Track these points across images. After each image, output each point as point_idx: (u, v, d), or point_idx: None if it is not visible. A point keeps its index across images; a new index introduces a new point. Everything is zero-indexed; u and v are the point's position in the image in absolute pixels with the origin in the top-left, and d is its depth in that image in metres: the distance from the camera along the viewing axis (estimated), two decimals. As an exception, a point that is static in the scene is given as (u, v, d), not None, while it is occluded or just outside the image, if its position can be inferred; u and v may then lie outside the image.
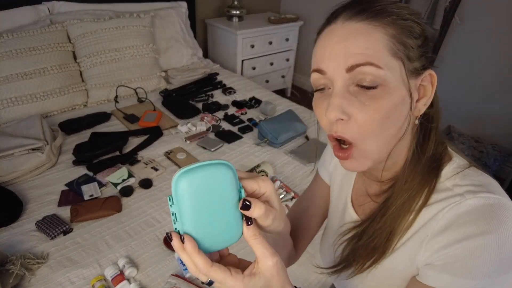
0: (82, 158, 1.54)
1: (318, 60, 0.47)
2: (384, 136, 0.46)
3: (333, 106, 0.45)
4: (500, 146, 2.38)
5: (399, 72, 0.45)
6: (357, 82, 0.45)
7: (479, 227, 0.43)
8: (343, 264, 0.59)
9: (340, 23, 0.46)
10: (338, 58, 0.45)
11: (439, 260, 0.46)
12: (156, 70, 2.23)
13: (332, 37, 0.46)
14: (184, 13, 2.57)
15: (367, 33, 0.44)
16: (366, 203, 0.61)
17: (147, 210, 1.33)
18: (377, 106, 0.44)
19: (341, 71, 0.45)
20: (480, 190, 0.46)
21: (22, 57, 1.75)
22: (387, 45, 0.44)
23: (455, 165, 0.50)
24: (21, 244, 1.15)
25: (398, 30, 0.44)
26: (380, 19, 0.44)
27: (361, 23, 0.44)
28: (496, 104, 2.41)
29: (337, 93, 0.45)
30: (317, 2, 3.17)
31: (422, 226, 0.49)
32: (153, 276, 1.09)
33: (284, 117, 1.87)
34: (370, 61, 0.43)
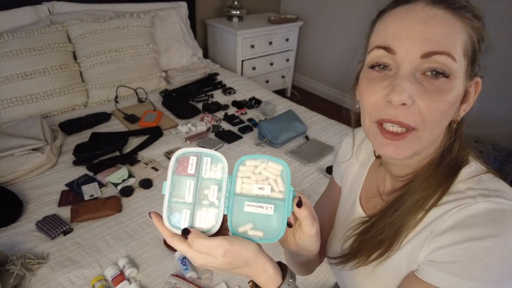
0: (82, 158, 1.54)
1: (389, 37, 0.44)
2: (438, 129, 0.46)
3: (401, 89, 0.42)
4: (500, 146, 2.39)
5: (464, 71, 0.44)
6: (425, 69, 0.43)
7: (486, 230, 0.42)
8: (349, 256, 0.59)
9: (422, 5, 0.43)
10: (415, 41, 0.42)
11: (440, 258, 0.45)
12: (156, 70, 2.23)
13: (411, 17, 0.43)
14: (184, 13, 2.57)
15: (450, 23, 0.42)
16: (375, 202, 0.61)
17: (147, 210, 1.33)
18: (441, 98, 0.43)
19: (415, 55, 0.42)
20: (493, 194, 0.45)
21: (22, 57, 1.75)
22: (463, 41, 0.43)
23: (471, 169, 0.50)
24: (21, 244, 1.15)
25: (474, 30, 0.44)
26: (463, 14, 0.43)
27: (444, 11, 0.43)
28: (496, 104, 2.41)
29: (405, 76, 0.43)
30: (317, 2, 3.17)
31: (428, 225, 0.49)
32: (153, 276, 1.09)
33: (284, 117, 1.87)
34: (448, 51, 0.42)
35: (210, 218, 0.44)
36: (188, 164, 0.44)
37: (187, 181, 0.44)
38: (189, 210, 0.44)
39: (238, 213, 0.44)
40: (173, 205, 0.44)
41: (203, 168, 0.44)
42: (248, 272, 0.43)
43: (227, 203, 0.44)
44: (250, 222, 0.44)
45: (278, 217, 0.43)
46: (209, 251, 0.40)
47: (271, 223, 0.44)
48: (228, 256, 0.40)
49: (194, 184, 0.44)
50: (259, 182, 0.44)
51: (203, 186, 0.44)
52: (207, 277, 1.08)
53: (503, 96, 2.36)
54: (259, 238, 0.43)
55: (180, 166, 0.44)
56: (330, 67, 3.32)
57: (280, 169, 0.44)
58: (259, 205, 0.44)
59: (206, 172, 0.44)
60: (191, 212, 0.44)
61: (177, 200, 0.44)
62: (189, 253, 0.42)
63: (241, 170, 0.44)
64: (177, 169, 0.44)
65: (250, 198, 0.44)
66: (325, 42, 3.26)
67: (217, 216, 0.44)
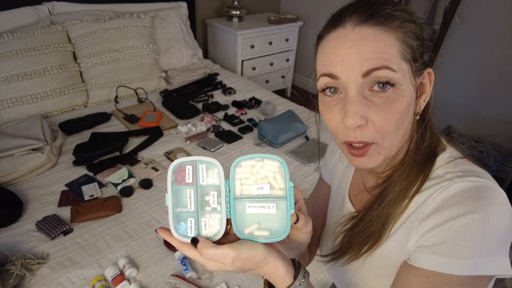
0: (82, 159, 1.54)
1: (329, 64, 0.47)
2: (398, 134, 0.48)
3: (352, 114, 0.45)
4: (500, 146, 2.39)
5: (408, 74, 0.46)
6: (371, 85, 0.45)
7: (465, 207, 0.44)
8: (340, 252, 0.61)
9: (350, 28, 0.46)
10: (352, 64, 0.45)
11: (427, 242, 0.47)
12: (156, 71, 2.23)
13: (344, 42, 0.46)
14: (184, 13, 2.57)
15: (380, 39, 0.44)
16: (362, 196, 0.63)
17: (147, 210, 1.33)
18: (392, 108, 0.45)
19: (356, 76, 0.45)
20: (468, 174, 0.48)
21: (22, 57, 1.75)
22: (399, 49, 0.45)
23: (448, 155, 0.53)
24: (22, 245, 1.15)
25: (405, 34, 0.46)
26: (389, 24, 0.45)
27: (373, 29, 0.45)
28: (496, 104, 2.41)
29: (353, 99, 0.46)
30: (317, 2, 3.17)
31: (414, 212, 0.51)
32: (153, 276, 1.09)
33: (284, 117, 1.87)
34: (386, 64, 0.44)
35: (215, 224, 0.44)
36: (185, 173, 0.45)
37: (187, 190, 0.45)
38: (193, 218, 0.44)
39: (241, 216, 0.44)
40: (177, 215, 0.45)
41: (200, 176, 0.44)
42: (260, 272, 0.44)
43: (228, 207, 0.44)
44: (255, 222, 0.44)
45: (282, 215, 0.44)
46: (218, 260, 0.41)
47: (276, 222, 0.44)
48: (237, 263, 0.41)
49: (194, 193, 0.44)
50: (258, 181, 0.44)
51: (204, 193, 0.45)
52: (207, 277, 1.08)
53: (503, 96, 2.36)
54: (265, 238, 0.43)
55: (178, 176, 0.45)
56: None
57: (277, 165, 0.44)
58: (260, 205, 0.44)
59: (203, 179, 0.44)
60: (195, 220, 0.44)
61: (181, 210, 0.45)
62: (201, 261, 0.43)
63: (238, 172, 0.44)
64: (176, 179, 0.45)
65: (251, 199, 0.44)
66: (325, 42, 3.25)
67: (220, 221, 0.44)
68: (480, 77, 2.43)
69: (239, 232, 0.44)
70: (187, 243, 0.43)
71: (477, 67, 2.42)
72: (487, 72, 2.38)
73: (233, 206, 0.44)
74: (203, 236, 0.44)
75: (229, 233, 0.46)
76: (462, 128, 2.57)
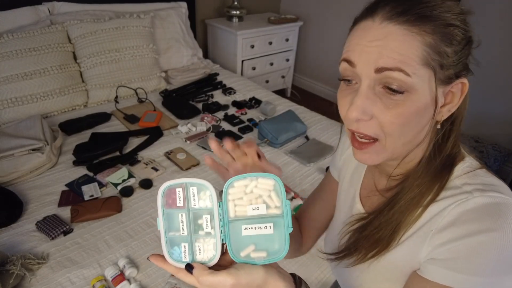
0: (82, 159, 1.54)
1: (350, 51, 0.47)
2: (402, 139, 0.47)
3: (356, 106, 0.45)
4: (500, 146, 2.39)
5: (427, 81, 0.44)
6: (383, 84, 0.44)
7: (484, 224, 0.43)
8: (345, 252, 0.60)
9: (378, 22, 0.44)
10: (369, 56, 0.44)
11: (441, 255, 0.46)
12: (156, 71, 2.23)
13: (367, 34, 0.45)
14: (184, 13, 2.57)
15: (403, 40, 0.43)
16: (374, 198, 0.61)
17: (147, 210, 1.33)
18: (399, 111, 0.44)
19: (370, 70, 0.44)
20: (489, 189, 0.46)
21: (22, 57, 1.75)
22: (421, 54, 0.43)
23: (466, 164, 0.51)
24: (22, 245, 1.15)
25: (436, 39, 0.43)
26: (421, 25, 0.43)
27: (400, 27, 0.43)
28: (496, 104, 2.41)
29: (362, 92, 0.45)
30: (317, 2, 3.17)
31: (428, 221, 0.49)
32: (153, 276, 1.09)
33: (284, 117, 1.87)
34: (400, 67, 0.43)
35: (210, 248, 0.42)
36: (175, 196, 0.43)
37: (179, 214, 0.43)
38: (186, 243, 0.42)
39: (237, 239, 0.42)
40: (170, 239, 0.43)
41: (191, 199, 0.42)
42: None
43: (222, 231, 0.42)
44: (251, 244, 0.42)
45: (280, 234, 0.42)
46: (216, 287, 0.40)
47: (274, 241, 0.42)
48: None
49: (186, 216, 0.42)
50: (252, 201, 0.42)
51: (197, 217, 0.42)
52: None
53: (503, 96, 2.36)
54: (263, 259, 0.42)
55: (169, 199, 0.43)
56: (330, 67, 3.32)
57: (272, 183, 0.42)
58: (257, 226, 0.42)
59: (195, 202, 0.42)
60: (189, 245, 0.42)
61: (174, 234, 0.43)
62: (198, 286, 0.42)
63: (231, 193, 0.42)
64: (167, 203, 0.43)
65: (247, 220, 0.42)
66: (325, 42, 3.26)
67: (215, 245, 0.42)
68: (480, 77, 2.43)
69: (235, 256, 0.42)
70: (183, 270, 0.42)
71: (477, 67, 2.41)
72: (487, 72, 2.38)
73: (227, 230, 0.42)
74: (198, 261, 0.42)
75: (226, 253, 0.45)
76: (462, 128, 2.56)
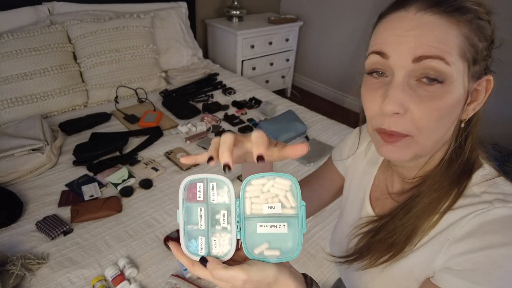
0: (82, 159, 1.54)
1: (382, 42, 0.45)
2: (435, 134, 0.46)
3: (393, 99, 0.43)
4: (500, 146, 2.38)
5: (462, 74, 0.43)
6: (419, 76, 0.43)
7: (506, 237, 0.42)
8: (356, 256, 0.59)
9: (413, 12, 0.43)
10: (407, 45, 0.42)
11: (459, 265, 0.45)
12: (156, 71, 2.23)
13: (403, 24, 0.43)
14: (184, 13, 2.57)
15: (442, 29, 0.42)
16: (385, 201, 0.60)
17: (147, 210, 1.33)
18: (436, 104, 0.43)
19: (407, 60, 0.42)
20: (510, 199, 0.45)
21: (22, 57, 1.75)
22: (459, 44, 0.42)
23: (485, 172, 0.49)
24: (22, 245, 1.15)
25: (472, 31, 0.43)
26: (457, 16, 0.42)
27: (436, 17, 0.42)
28: (496, 104, 2.40)
29: (397, 84, 0.43)
30: (317, 2, 3.17)
31: (444, 230, 0.48)
32: (154, 276, 1.09)
33: (284, 117, 1.87)
34: (441, 55, 0.41)
35: (225, 243, 0.43)
36: (196, 191, 0.44)
37: (198, 208, 0.44)
38: (203, 236, 0.44)
39: (251, 236, 0.43)
40: (188, 232, 0.44)
41: (211, 194, 0.44)
42: None
43: (238, 227, 0.43)
44: (265, 242, 0.43)
45: (293, 234, 0.43)
46: (228, 281, 0.40)
47: (287, 241, 0.43)
48: (248, 285, 0.40)
49: (205, 211, 0.44)
50: (268, 200, 0.43)
51: (214, 211, 0.44)
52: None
53: (503, 96, 2.36)
54: (276, 257, 0.42)
55: (190, 193, 0.44)
56: (330, 67, 3.32)
57: (289, 184, 0.43)
58: (272, 224, 0.43)
59: (214, 197, 0.44)
60: (206, 239, 0.44)
61: (191, 227, 0.44)
62: (212, 280, 0.42)
63: (248, 191, 0.43)
64: (187, 196, 0.44)
65: (262, 218, 0.43)
66: (325, 42, 3.26)
67: (230, 241, 0.43)
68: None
69: (249, 253, 0.43)
70: (198, 263, 0.43)
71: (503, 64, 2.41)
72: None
73: (243, 226, 0.43)
74: (213, 255, 0.43)
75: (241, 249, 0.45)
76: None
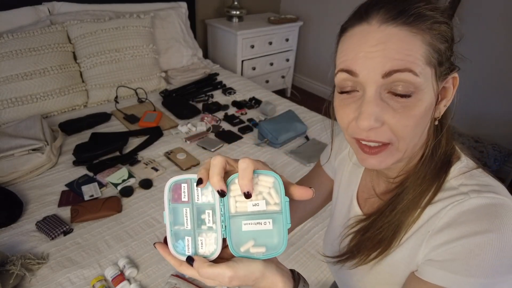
0: (82, 159, 1.54)
1: (350, 60, 0.45)
2: (414, 140, 0.47)
3: (367, 115, 0.43)
4: (500, 146, 2.39)
5: (430, 79, 0.44)
6: (390, 89, 0.43)
7: (481, 226, 0.43)
8: (348, 255, 0.60)
9: (376, 25, 0.43)
10: (374, 62, 0.43)
11: (438, 256, 0.46)
12: (156, 71, 2.23)
13: (367, 39, 0.43)
14: (184, 13, 2.57)
15: (407, 40, 0.42)
16: (372, 200, 0.62)
17: (147, 210, 1.33)
18: (410, 113, 0.44)
19: (376, 76, 0.43)
20: (485, 190, 0.46)
21: (22, 57, 1.75)
22: (424, 53, 0.43)
23: (463, 164, 0.51)
24: (22, 245, 1.15)
25: (433, 37, 0.43)
26: (418, 25, 0.43)
27: (400, 28, 0.42)
28: (496, 104, 2.41)
29: (370, 100, 0.44)
30: (317, 2, 3.17)
31: (425, 223, 0.49)
32: (153, 276, 1.09)
33: (284, 117, 1.87)
34: (410, 67, 0.42)
35: (211, 243, 0.44)
36: (181, 191, 0.45)
37: (183, 208, 0.44)
38: (190, 236, 0.44)
39: (237, 234, 0.43)
40: (175, 233, 0.45)
41: (195, 194, 0.44)
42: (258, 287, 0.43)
43: (223, 226, 0.44)
44: (251, 239, 0.43)
45: (278, 230, 0.43)
46: (215, 278, 0.41)
47: (272, 237, 0.43)
48: (234, 281, 0.40)
49: (190, 211, 0.44)
50: (252, 198, 0.43)
51: (200, 211, 0.44)
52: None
53: (503, 96, 2.36)
54: (262, 254, 0.43)
55: (175, 194, 0.44)
56: (330, 67, 3.30)
57: (272, 181, 0.43)
58: (257, 221, 0.43)
59: (198, 197, 0.44)
60: (192, 239, 0.44)
61: (178, 228, 0.45)
62: (200, 279, 0.43)
63: (232, 189, 0.44)
64: (173, 197, 0.45)
65: (247, 216, 0.43)
66: (325, 42, 3.26)
67: (216, 240, 0.44)
68: (480, 77, 2.43)
69: (235, 251, 0.43)
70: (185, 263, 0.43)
71: (477, 67, 2.42)
72: (487, 72, 2.38)
73: (228, 225, 0.43)
74: (200, 255, 0.44)
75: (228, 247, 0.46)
76: (462, 128, 2.57)
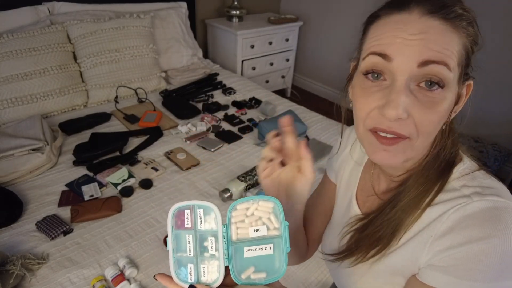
0: (82, 159, 1.54)
1: (385, 44, 0.43)
2: (430, 138, 0.47)
3: (396, 104, 0.42)
4: (500, 146, 2.39)
5: (456, 79, 0.45)
6: (420, 80, 0.43)
7: (484, 231, 0.43)
8: (347, 252, 0.60)
9: (417, 16, 0.43)
10: (412, 49, 0.41)
11: (442, 261, 0.46)
12: (156, 71, 2.23)
13: (407, 28, 0.42)
14: (184, 13, 2.57)
15: (447, 34, 0.42)
16: (371, 200, 0.61)
17: (147, 210, 1.33)
18: (436, 109, 0.43)
19: (411, 64, 0.42)
20: (488, 192, 0.45)
21: (22, 57, 1.75)
22: (458, 52, 0.43)
23: (465, 166, 0.51)
24: (22, 245, 1.15)
25: (468, 38, 0.44)
26: (457, 23, 0.43)
27: (440, 22, 0.42)
28: (496, 104, 2.41)
29: (400, 89, 0.42)
30: (317, 2, 3.17)
31: (426, 226, 0.49)
32: (153, 276, 1.09)
33: (284, 117, 1.87)
34: (446, 61, 0.42)
35: (214, 270, 0.44)
36: (184, 218, 0.45)
37: (186, 235, 0.45)
38: (192, 264, 0.44)
39: (239, 261, 0.44)
40: (178, 259, 0.45)
41: (198, 221, 0.44)
42: None
43: (226, 254, 0.44)
44: (251, 266, 0.43)
45: (279, 254, 0.43)
46: None
47: (273, 261, 0.43)
48: None
49: (193, 238, 0.44)
50: (252, 223, 0.44)
51: (202, 238, 0.44)
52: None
53: (503, 96, 2.36)
54: (263, 279, 0.43)
55: (178, 220, 0.45)
56: (330, 67, 3.32)
57: (271, 206, 0.43)
58: (258, 247, 0.43)
59: (201, 224, 0.44)
60: (195, 266, 0.44)
61: (181, 255, 0.45)
62: None
63: (234, 216, 0.44)
64: (176, 224, 0.45)
65: (248, 242, 0.44)
66: (325, 42, 3.26)
67: (219, 267, 0.44)
68: (480, 77, 2.42)
69: (237, 279, 0.43)
70: None
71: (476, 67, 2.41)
72: (487, 72, 2.38)
73: (230, 252, 0.44)
74: (202, 283, 0.44)
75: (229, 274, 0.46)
76: (462, 128, 2.56)
